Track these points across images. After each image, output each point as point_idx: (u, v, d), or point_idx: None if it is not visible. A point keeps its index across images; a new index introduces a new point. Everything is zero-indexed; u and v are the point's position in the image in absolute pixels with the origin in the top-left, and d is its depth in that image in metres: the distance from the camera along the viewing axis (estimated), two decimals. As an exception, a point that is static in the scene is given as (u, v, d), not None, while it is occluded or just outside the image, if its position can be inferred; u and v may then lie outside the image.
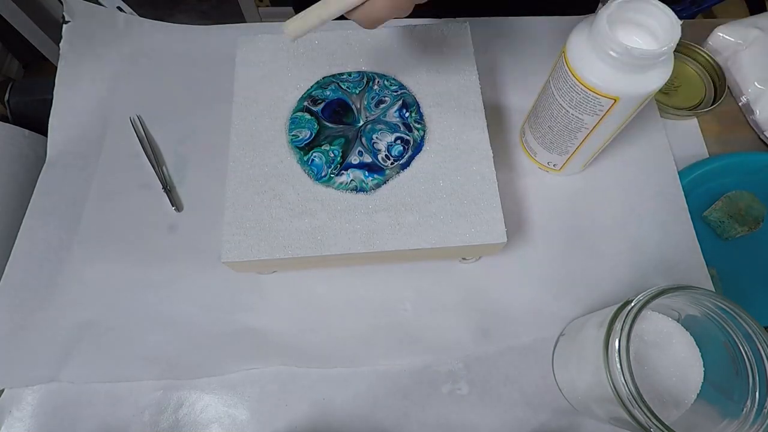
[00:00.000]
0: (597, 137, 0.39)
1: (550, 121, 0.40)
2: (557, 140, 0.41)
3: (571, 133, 0.39)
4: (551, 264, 0.43)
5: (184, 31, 0.52)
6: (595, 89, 0.34)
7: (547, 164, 0.45)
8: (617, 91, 0.33)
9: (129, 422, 0.38)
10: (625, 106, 0.34)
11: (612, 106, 0.34)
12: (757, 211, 0.44)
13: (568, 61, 0.35)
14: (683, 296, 0.30)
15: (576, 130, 0.38)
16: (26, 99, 0.53)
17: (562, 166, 0.44)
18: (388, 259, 0.40)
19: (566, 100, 0.37)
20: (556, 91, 0.37)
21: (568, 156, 0.42)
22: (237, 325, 0.41)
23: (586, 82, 0.34)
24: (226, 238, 0.35)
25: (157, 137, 0.48)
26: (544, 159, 0.45)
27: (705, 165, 0.47)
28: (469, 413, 0.38)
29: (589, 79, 0.33)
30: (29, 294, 0.42)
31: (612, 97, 0.33)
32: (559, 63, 0.36)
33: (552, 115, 0.39)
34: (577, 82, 0.34)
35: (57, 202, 0.45)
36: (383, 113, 0.39)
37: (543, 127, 0.41)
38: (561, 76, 0.36)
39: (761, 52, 0.50)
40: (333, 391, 0.39)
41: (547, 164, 0.45)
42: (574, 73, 0.34)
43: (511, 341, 0.40)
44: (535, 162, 0.46)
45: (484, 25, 0.52)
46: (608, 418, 0.33)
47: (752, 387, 0.29)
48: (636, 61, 0.31)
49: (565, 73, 0.35)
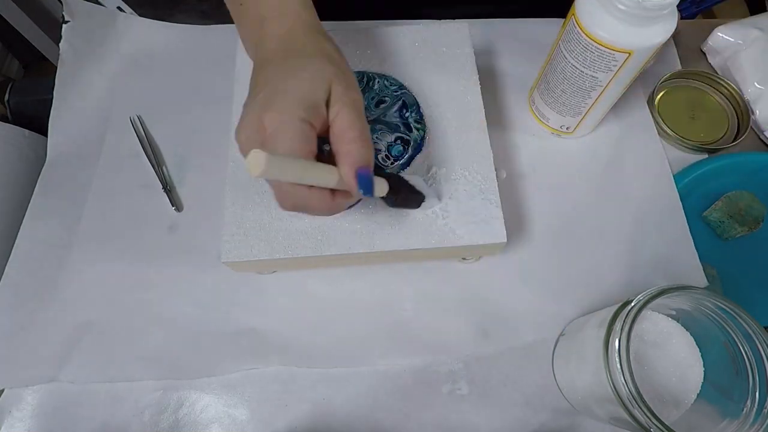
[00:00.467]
0: (609, 94, 0.40)
1: (563, 84, 0.41)
2: (570, 102, 0.42)
3: (585, 92, 0.40)
4: (551, 264, 0.43)
5: (184, 31, 0.52)
6: (609, 45, 0.35)
7: (560, 128, 0.46)
8: (631, 45, 0.34)
9: (129, 422, 0.38)
10: (637, 59, 0.36)
11: (626, 60, 0.35)
12: (757, 211, 0.44)
13: (580, 22, 0.36)
14: (683, 296, 0.30)
15: (590, 89, 0.39)
16: (26, 99, 0.53)
17: (574, 128, 0.46)
18: (388, 259, 0.40)
19: (579, 61, 0.38)
20: (568, 54, 0.38)
21: (581, 117, 0.43)
22: (237, 325, 0.41)
23: (600, 39, 0.35)
24: (226, 238, 0.35)
25: (157, 137, 0.48)
26: (557, 123, 0.46)
27: (705, 165, 0.47)
28: (469, 413, 0.38)
29: (602, 35, 0.35)
30: (29, 294, 0.42)
31: (626, 50, 0.35)
32: (569, 26, 0.37)
33: (565, 78, 0.40)
34: (590, 41, 0.35)
35: (57, 202, 0.45)
36: (383, 113, 0.39)
37: (555, 91, 0.42)
38: (573, 38, 0.37)
39: (761, 52, 0.50)
40: (333, 391, 0.39)
41: (560, 128, 0.46)
42: (587, 32, 0.35)
43: (511, 341, 0.40)
44: (547, 127, 0.47)
45: (483, 26, 0.52)
46: (608, 418, 0.33)
47: (752, 387, 0.29)
48: (645, 12, 0.32)
49: (577, 35, 0.36)
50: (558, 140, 0.48)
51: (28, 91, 0.53)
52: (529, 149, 0.47)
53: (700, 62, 0.54)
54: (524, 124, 0.48)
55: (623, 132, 0.48)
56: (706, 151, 0.48)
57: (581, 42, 0.36)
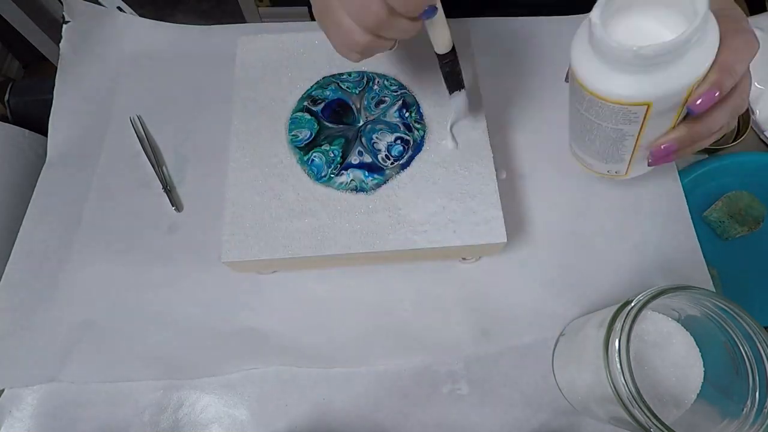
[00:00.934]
0: (649, 137, 0.33)
1: (590, 135, 0.35)
2: (607, 152, 0.35)
3: (617, 143, 0.34)
4: (551, 264, 0.43)
5: (184, 31, 0.52)
6: (620, 101, 0.29)
7: (607, 172, 0.39)
8: (646, 96, 0.28)
9: (129, 422, 0.38)
10: (663, 106, 0.29)
11: (647, 112, 0.29)
12: (757, 211, 0.44)
13: (580, 81, 0.30)
14: (683, 296, 0.30)
15: (621, 139, 0.33)
16: (26, 99, 0.53)
17: (626, 172, 0.38)
18: (388, 259, 0.40)
19: (596, 116, 0.32)
20: (582, 110, 0.33)
21: (627, 163, 0.36)
22: (237, 325, 0.41)
23: (607, 97, 0.29)
24: (226, 238, 0.35)
25: (157, 137, 0.48)
26: (603, 169, 0.38)
27: (705, 165, 0.47)
28: (469, 413, 0.38)
29: (608, 92, 0.29)
30: (29, 294, 0.42)
31: (643, 103, 0.28)
32: (572, 84, 0.32)
33: (589, 130, 0.34)
34: (597, 100, 0.30)
35: (57, 202, 0.45)
36: (383, 113, 0.39)
37: (585, 141, 0.36)
38: (580, 96, 0.31)
39: (761, 52, 0.50)
40: (333, 392, 0.39)
41: (608, 172, 0.39)
42: (592, 92, 0.30)
43: (511, 341, 0.40)
44: (595, 173, 0.40)
45: (483, 25, 0.52)
46: (608, 418, 0.33)
47: (752, 387, 0.29)
48: (645, 61, 0.26)
49: (581, 93, 0.31)
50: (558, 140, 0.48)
51: (28, 91, 0.53)
52: (529, 149, 0.47)
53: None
54: (525, 125, 0.48)
55: None
56: (706, 151, 0.48)
57: (585, 98, 0.30)
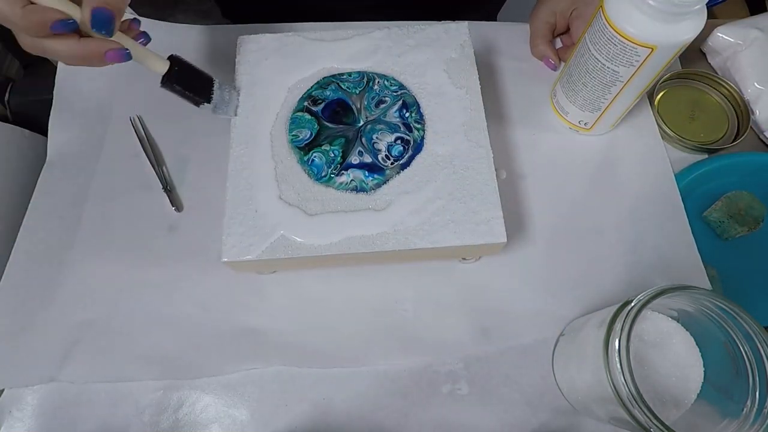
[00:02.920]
0: (629, 91, 0.40)
1: (584, 77, 0.41)
2: (590, 96, 0.42)
3: (605, 87, 0.40)
4: (551, 264, 0.43)
5: (184, 31, 0.52)
6: (632, 38, 0.35)
7: (578, 123, 0.47)
8: (654, 40, 0.34)
9: (129, 422, 0.38)
10: (660, 56, 0.36)
11: (648, 56, 0.36)
12: (757, 211, 0.44)
13: (606, 13, 0.36)
14: (683, 296, 0.30)
15: (610, 83, 0.40)
16: (26, 99, 0.53)
17: (592, 125, 0.46)
18: (388, 259, 0.40)
19: (603, 54, 0.38)
20: (592, 46, 0.39)
21: (600, 113, 0.44)
22: (237, 325, 0.41)
23: (624, 32, 0.35)
24: (226, 238, 0.35)
25: (157, 137, 0.48)
26: (576, 118, 0.46)
27: (705, 165, 0.47)
28: (469, 413, 0.38)
29: (627, 29, 0.35)
30: (29, 294, 0.42)
31: (649, 46, 0.35)
32: (597, 17, 0.38)
33: (587, 71, 0.41)
34: (615, 33, 0.36)
35: (57, 202, 0.45)
36: (383, 113, 0.39)
37: (577, 84, 0.43)
38: (598, 29, 0.37)
39: (761, 52, 0.50)
40: (333, 391, 0.39)
41: (578, 123, 0.46)
42: (612, 24, 0.36)
43: (511, 341, 0.40)
44: (566, 122, 0.47)
45: (484, 27, 0.52)
46: (608, 418, 0.33)
47: (752, 387, 0.29)
48: (673, 8, 0.33)
49: (602, 26, 0.37)
50: (557, 140, 0.48)
51: (28, 91, 0.53)
52: (529, 149, 0.47)
53: (700, 62, 0.54)
54: (525, 125, 0.48)
55: (624, 132, 0.48)
56: (706, 151, 0.48)
57: (606, 34, 0.37)
